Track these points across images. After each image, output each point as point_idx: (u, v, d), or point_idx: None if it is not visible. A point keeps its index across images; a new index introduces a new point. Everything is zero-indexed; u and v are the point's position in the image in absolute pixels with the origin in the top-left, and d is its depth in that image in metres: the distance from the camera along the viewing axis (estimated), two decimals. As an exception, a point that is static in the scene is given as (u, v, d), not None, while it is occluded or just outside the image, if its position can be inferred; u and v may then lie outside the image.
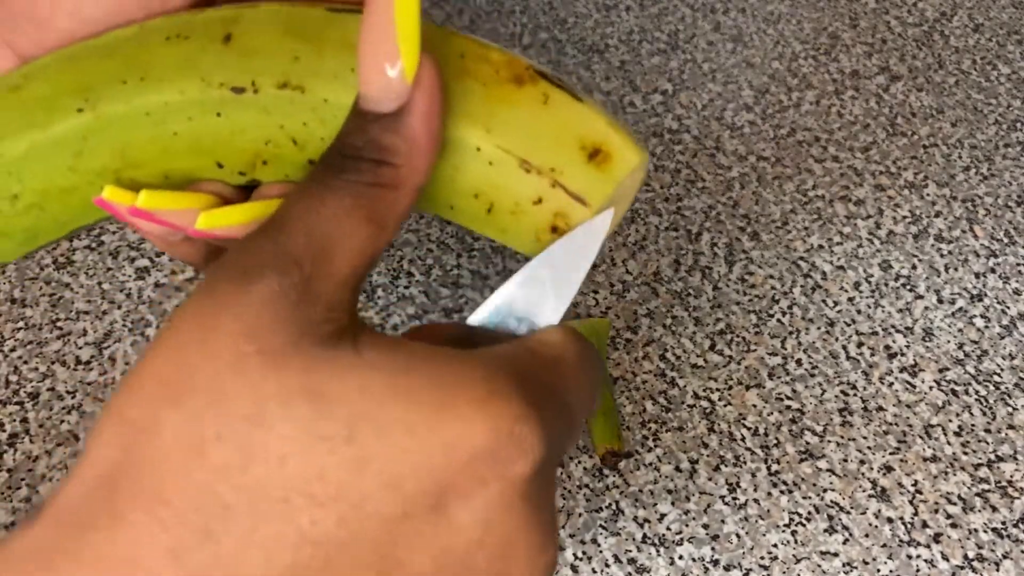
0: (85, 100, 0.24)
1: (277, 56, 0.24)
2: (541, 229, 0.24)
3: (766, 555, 0.38)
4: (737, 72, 0.59)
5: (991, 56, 0.63)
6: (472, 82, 0.23)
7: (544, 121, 0.23)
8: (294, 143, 0.24)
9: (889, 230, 0.51)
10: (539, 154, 0.23)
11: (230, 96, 0.24)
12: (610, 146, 0.23)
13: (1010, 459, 0.42)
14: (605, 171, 0.23)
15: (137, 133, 0.24)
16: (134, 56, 0.24)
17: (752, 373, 0.44)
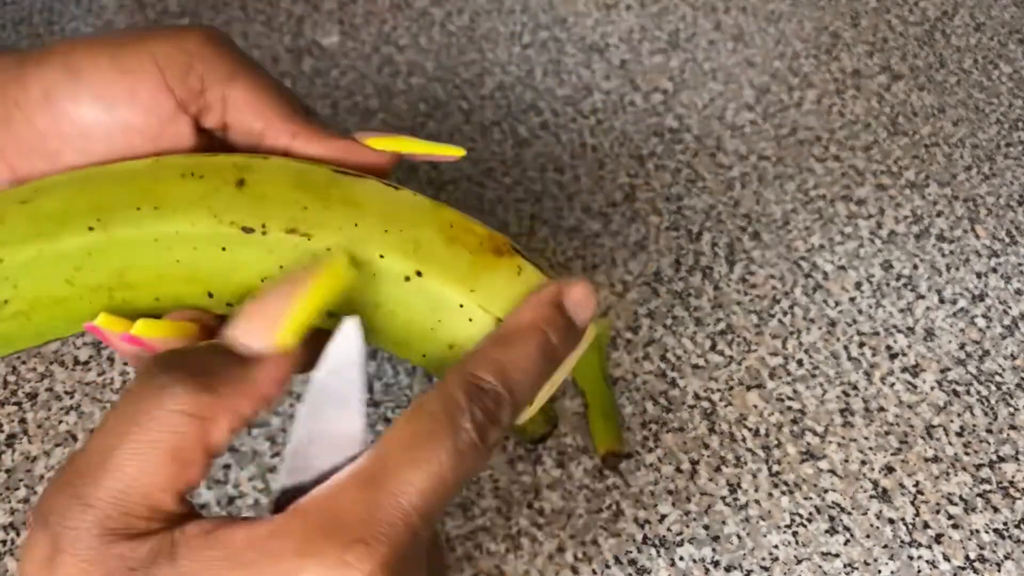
0: (97, 220, 0.25)
1: (287, 205, 0.26)
2: None
3: (767, 556, 0.38)
4: (738, 71, 0.59)
5: (993, 55, 0.63)
6: (460, 249, 0.26)
7: (517, 288, 0.26)
8: None
9: (890, 230, 0.51)
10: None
11: (238, 234, 0.26)
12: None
13: (1012, 459, 0.42)
14: None
15: (141, 257, 0.26)
16: (149, 187, 0.26)
17: (753, 373, 0.44)
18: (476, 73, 0.57)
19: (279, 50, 0.57)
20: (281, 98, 0.28)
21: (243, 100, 0.27)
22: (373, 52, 0.58)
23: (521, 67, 0.58)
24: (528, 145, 0.53)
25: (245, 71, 0.27)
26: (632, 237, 0.49)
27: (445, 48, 0.59)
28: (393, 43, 0.59)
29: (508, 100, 0.56)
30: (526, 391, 0.24)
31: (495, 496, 0.39)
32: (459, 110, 0.55)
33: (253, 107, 0.27)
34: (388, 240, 0.26)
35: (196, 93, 0.27)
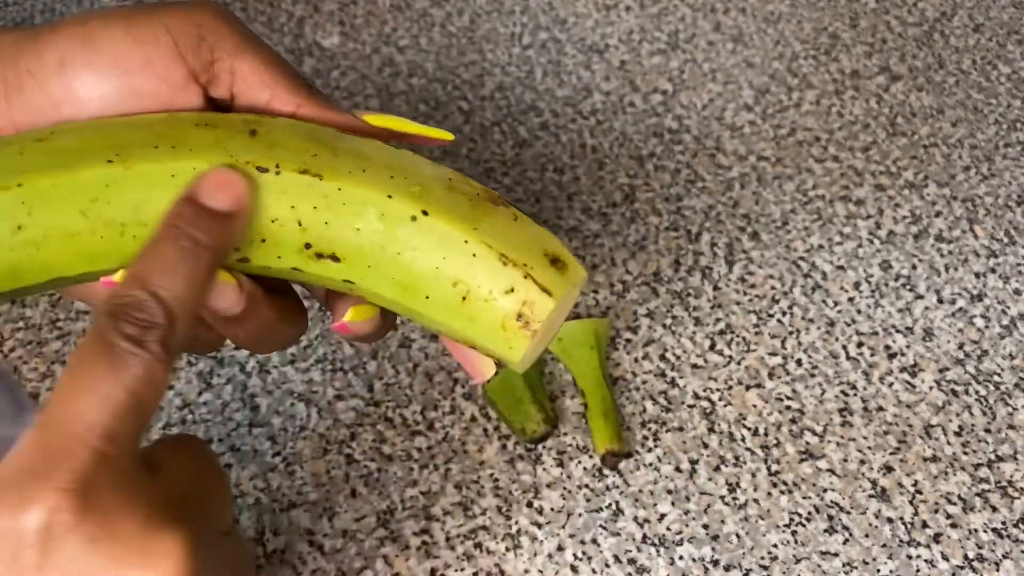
0: (116, 155, 0.26)
1: (298, 151, 0.27)
2: (508, 319, 0.28)
3: (766, 555, 0.38)
4: (737, 72, 0.59)
5: (991, 56, 0.63)
6: (460, 196, 0.28)
7: (516, 232, 0.28)
8: (299, 224, 0.27)
9: (889, 230, 0.51)
10: (514, 252, 0.28)
11: (253, 172, 0.27)
12: (565, 258, 0.29)
13: (1010, 459, 0.42)
14: (563, 275, 0.28)
15: (158, 192, 0.26)
16: (166, 132, 0.27)
17: (752, 373, 0.44)
18: (476, 74, 0.57)
19: (280, 51, 0.57)
20: (286, 72, 0.29)
21: (250, 72, 0.28)
22: (373, 53, 0.58)
23: (521, 68, 0.58)
24: (528, 145, 0.53)
25: (252, 45, 0.28)
26: (632, 237, 0.49)
27: (445, 49, 0.59)
28: (393, 44, 0.59)
29: (508, 101, 0.56)
30: (178, 286, 0.25)
31: (495, 495, 0.39)
32: (459, 111, 0.55)
33: (260, 79, 0.28)
34: (394, 184, 0.27)
35: (207, 63, 0.28)
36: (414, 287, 0.28)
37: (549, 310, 0.28)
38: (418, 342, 0.44)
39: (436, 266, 0.27)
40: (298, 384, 0.42)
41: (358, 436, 0.41)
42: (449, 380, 0.43)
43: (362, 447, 0.40)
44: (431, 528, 0.38)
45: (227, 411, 0.41)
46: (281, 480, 0.39)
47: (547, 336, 0.29)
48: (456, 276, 0.27)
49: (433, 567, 0.37)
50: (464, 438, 0.41)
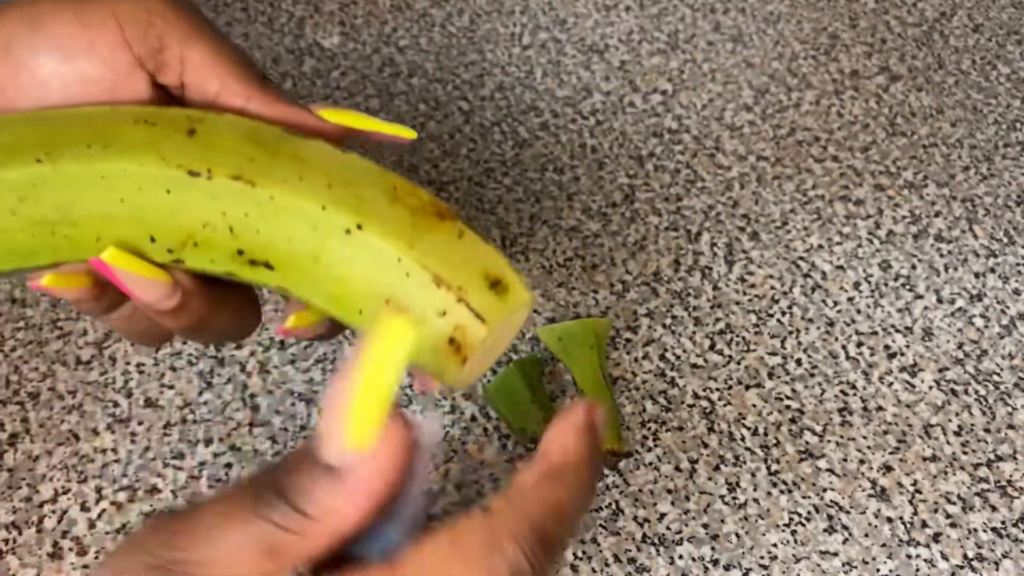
0: (45, 153, 0.25)
1: (235, 154, 0.26)
2: (441, 342, 0.27)
3: (766, 555, 0.38)
4: (737, 72, 0.59)
5: (991, 56, 0.63)
6: (403, 209, 0.27)
7: (457, 250, 0.27)
8: (230, 231, 0.26)
9: (889, 230, 0.51)
10: (450, 273, 0.26)
11: (184, 177, 0.26)
12: (508, 280, 0.27)
13: (1009, 459, 0.42)
14: (503, 299, 0.27)
15: (86, 193, 0.26)
16: (102, 128, 0.26)
17: (752, 373, 0.44)
18: (476, 74, 0.57)
19: (280, 51, 0.58)
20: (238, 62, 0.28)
21: (200, 61, 0.28)
22: (374, 53, 0.58)
23: (521, 68, 0.58)
24: (528, 146, 0.54)
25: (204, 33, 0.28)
26: (631, 237, 0.49)
27: (445, 49, 0.59)
28: (394, 44, 0.59)
29: (508, 101, 0.56)
30: (572, 530, 0.23)
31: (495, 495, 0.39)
32: (459, 111, 0.55)
33: (210, 69, 0.28)
34: (331, 194, 0.26)
35: (154, 51, 0.27)
36: (346, 300, 0.27)
37: (482, 337, 0.26)
38: (418, 342, 0.44)
39: (369, 284, 0.26)
40: (298, 383, 0.42)
41: (358, 436, 0.41)
42: (449, 380, 0.43)
43: (362, 447, 0.40)
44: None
45: (227, 411, 0.41)
46: (281, 480, 0.39)
47: (487, 358, 0.28)
48: (388, 294, 0.26)
49: (433, 566, 0.37)
50: (464, 438, 0.41)
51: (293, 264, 0.27)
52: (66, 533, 0.37)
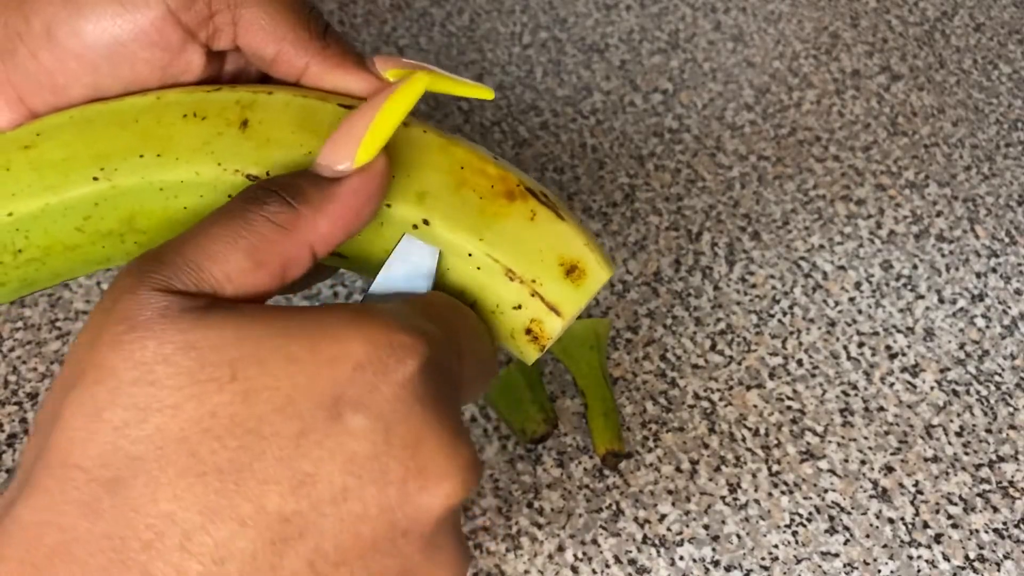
0: (101, 169, 0.25)
1: (290, 148, 0.25)
2: (517, 330, 0.27)
3: (767, 556, 0.38)
4: (738, 71, 0.59)
5: (992, 55, 0.63)
6: (470, 193, 0.26)
7: (530, 237, 0.26)
8: None
9: (890, 230, 0.51)
10: (523, 266, 0.26)
11: (243, 181, 0.25)
12: (585, 264, 0.26)
13: (1011, 459, 0.42)
14: (579, 287, 0.26)
15: (148, 204, 0.26)
16: (151, 131, 0.25)
17: (753, 373, 0.44)
18: (476, 73, 0.57)
19: (279, 50, 0.57)
20: (295, 20, 0.26)
21: (254, 22, 0.26)
22: (373, 52, 0.58)
23: (521, 67, 0.58)
24: (528, 145, 0.53)
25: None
26: (632, 237, 0.49)
27: (445, 48, 0.59)
28: (393, 43, 0.59)
29: (508, 100, 0.56)
30: None
31: (495, 495, 0.39)
32: (459, 110, 0.55)
33: (265, 31, 0.26)
34: (394, 186, 0.26)
35: (204, 18, 0.26)
36: None
37: (557, 329, 0.26)
38: (418, 342, 0.44)
39: (441, 274, 0.26)
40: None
41: (358, 436, 0.41)
42: (449, 380, 0.43)
43: (362, 447, 0.40)
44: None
45: (226, 411, 0.41)
46: (281, 480, 0.39)
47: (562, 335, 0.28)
48: (461, 286, 0.26)
49: (433, 568, 0.37)
50: (464, 438, 0.41)
51: (365, 256, 0.27)
52: (64, 534, 0.37)
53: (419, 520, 0.20)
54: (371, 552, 0.20)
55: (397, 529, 0.20)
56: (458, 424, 0.22)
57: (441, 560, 0.21)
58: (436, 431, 0.21)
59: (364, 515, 0.20)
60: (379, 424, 0.20)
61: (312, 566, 0.19)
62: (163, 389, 0.19)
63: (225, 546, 0.19)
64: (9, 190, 0.25)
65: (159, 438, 0.19)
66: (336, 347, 0.20)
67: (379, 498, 0.20)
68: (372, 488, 0.20)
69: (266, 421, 0.19)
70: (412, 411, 0.20)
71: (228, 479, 0.19)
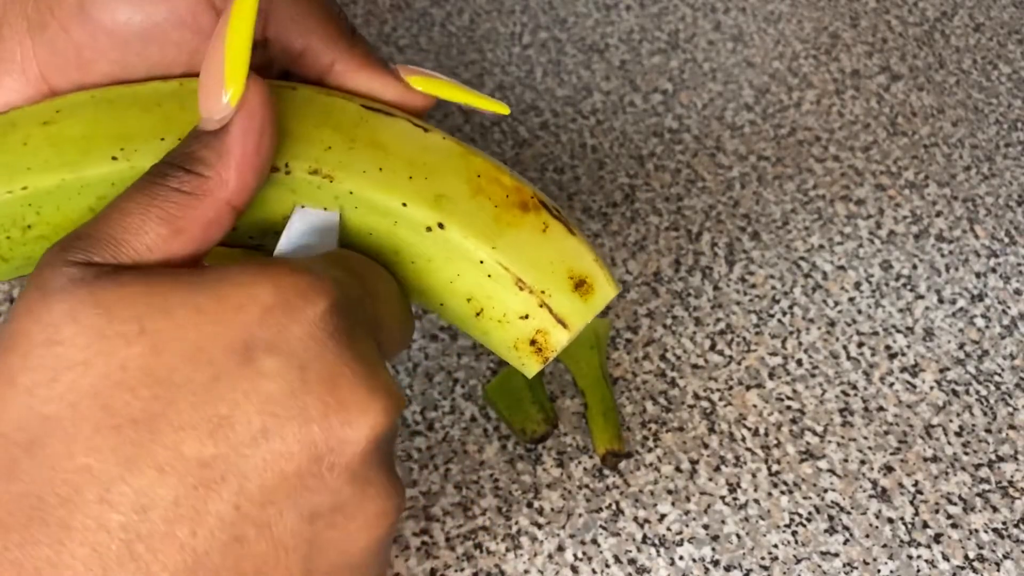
0: (120, 150, 0.25)
1: (312, 143, 0.25)
2: (522, 340, 0.27)
3: (766, 555, 0.38)
4: (737, 72, 0.59)
5: (992, 56, 0.63)
6: (486, 201, 0.26)
7: (542, 248, 0.26)
8: None
9: (890, 230, 0.51)
10: (533, 276, 0.26)
11: None
12: (594, 279, 0.27)
13: (1011, 459, 0.42)
14: (587, 301, 0.27)
15: None
16: (174, 116, 0.25)
17: (752, 373, 0.44)
18: (476, 73, 0.57)
19: (279, 50, 0.57)
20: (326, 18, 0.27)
21: (286, 15, 0.26)
22: (373, 52, 0.58)
23: (521, 67, 0.58)
24: (528, 145, 0.53)
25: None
26: (632, 237, 0.49)
27: (445, 49, 0.59)
28: (393, 43, 0.59)
29: (508, 100, 0.56)
30: None
31: (495, 495, 0.39)
32: (459, 110, 0.55)
33: (295, 25, 0.26)
34: (412, 187, 0.26)
35: None
36: (428, 293, 0.27)
37: (563, 341, 0.26)
38: (418, 342, 0.44)
39: (450, 280, 0.26)
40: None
41: (358, 436, 0.41)
42: (449, 380, 0.43)
43: (362, 447, 0.40)
44: (431, 528, 0.38)
45: (227, 411, 0.41)
46: (281, 480, 0.39)
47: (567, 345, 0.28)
48: (470, 293, 0.27)
49: (433, 567, 0.37)
50: (464, 438, 0.41)
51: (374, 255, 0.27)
52: (65, 534, 0.37)
53: (345, 454, 0.20)
54: (298, 489, 0.20)
55: (323, 464, 0.20)
56: (375, 358, 0.22)
57: (373, 493, 0.21)
58: (353, 365, 0.21)
59: (287, 453, 0.20)
60: (293, 363, 0.20)
61: (238, 508, 0.20)
62: (71, 348, 0.20)
63: (146, 494, 0.19)
64: (25, 164, 0.25)
65: (71, 396, 0.19)
66: (243, 293, 0.20)
67: (300, 435, 0.20)
68: (292, 426, 0.20)
69: (177, 370, 0.20)
70: (326, 348, 0.20)
71: (143, 428, 0.19)
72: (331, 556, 0.21)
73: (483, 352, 0.44)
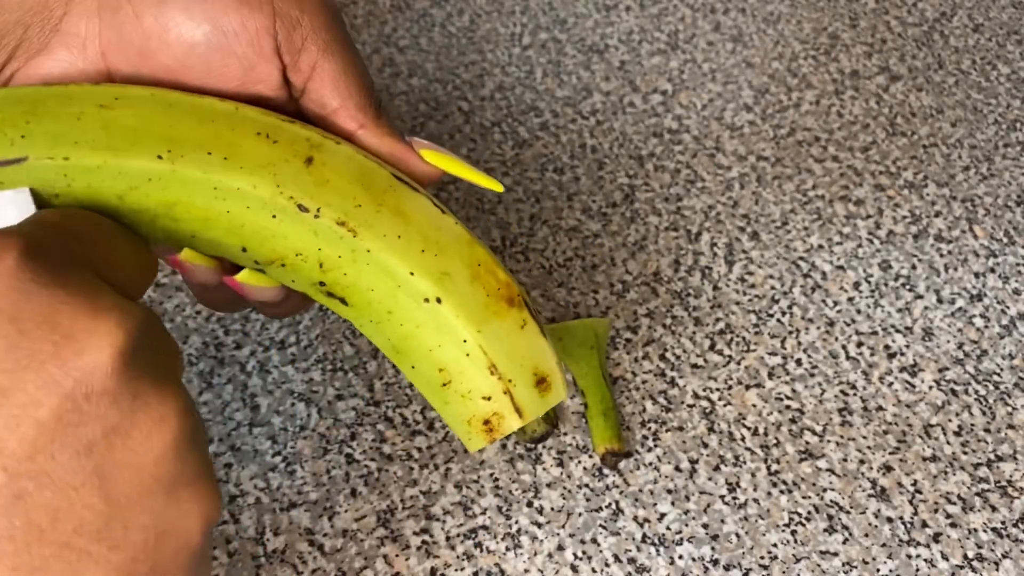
0: (168, 151, 0.26)
1: (344, 196, 0.28)
2: (476, 418, 0.29)
3: (766, 555, 0.38)
4: (737, 72, 0.59)
5: (991, 56, 0.63)
6: (480, 289, 0.29)
7: (517, 342, 0.29)
8: (320, 266, 0.28)
9: (889, 230, 0.51)
10: (505, 365, 0.29)
11: (293, 209, 0.27)
12: (554, 380, 0.30)
13: (1010, 459, 0.42)
14: (544, 397, 0.30)
15: (196, 197, 0.27)
16: (223, 134, 0.27)
17: (752, 373, 0.44)
18: (476, 74, 0.58)
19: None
20: (362, 86, 0.29)
21: (330, 75, 0.28)
22: (374, 53, 0.58)
23: (521, 68, 0.58)
24: (528, 146, 0.54)
25: (342, 47, 0.29)
26: (631, 237, 0.49)
27: (445, 49, 0.59)
28: (394, 44, 0.59)
29: (508, 101, 0.56)
30: None
31: (495, 495, 0.39)
32: (459, 111, 0.55)
33: (336, 85, 0.29)
34: (422, 260, 0.28)
35: (295, 49, 0.28)
36: (405, 354, 0.29)
37: (514, 428, 0.29)
38: (418, 342, 0.44)
39: (430, 348, 0.29)
40: (298, 384, 0.42)
41: (358, 436, 0.41)
42: (449, 380, 0.43)
43: (362, 447, 0.40)
44: (431, 528, 0.38)
45: (227, 411, 0.41)
46: (281, 480, 0.39)
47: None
48: (444, 364, 0.29)
49: (433, 566, 0.37)
50: (464, 438, 0.41)
51: (368, 309, 0.29)
52: (66, 533, 0.37)
53: (94, 379, 0.20)
54: (61, 429, 0.20)
55: (76, 398, 0.20)
56: (95, 285, 0.22)
57: (141, 403, 0.21)
58: (67, 299, 0.21)
59: (33, 402, 0.20)
60: (2, 319, 0.20)
61: (5, 469, 0.20)
62: None
63: None
64: (73, 138, 0.26)
65: None
66: None
67: (39, 381, 0.20)
68: (28, 375, 0.20)
69: None
70: (31, 293, 0.21)
71: None
72: (127, 476, 0.21)
73: (483, 352, 0.44)
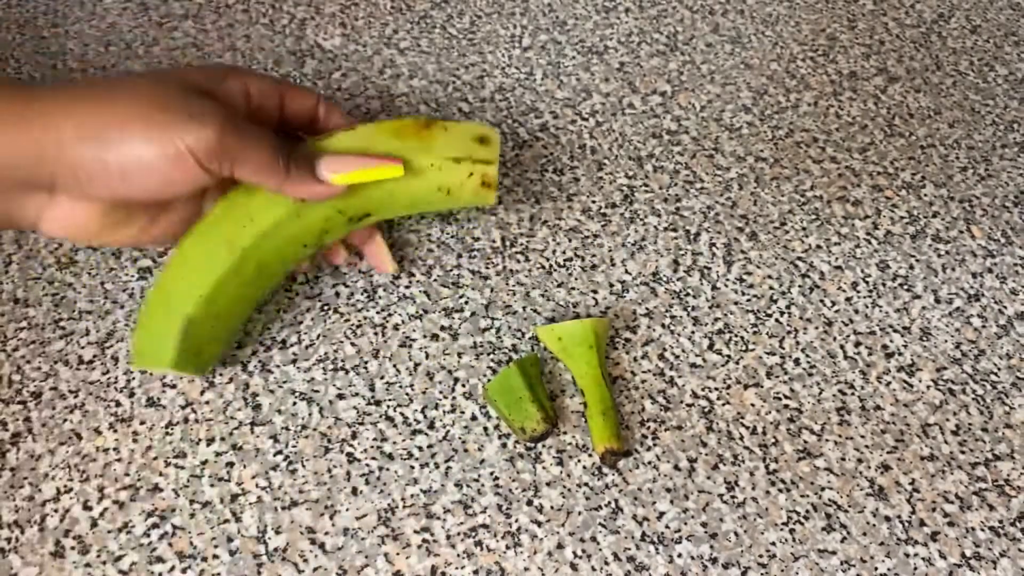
0: (228, 243, 0.40)
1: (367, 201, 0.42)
2: (477, 187, 0.42)
3: (764, 553, 0.39)
4: (735, 73, 0.60)
5: (988, 57, 0.63)
6: (411, 141, 0.41)
7: (451, 137, 0.42)
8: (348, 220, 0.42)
9: (887, 230, 0.51)
10: (460, 151, 0.41)
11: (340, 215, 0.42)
12: (487, 133, 0.42)
13: (1007, 458, 0.42)
14: (490, 146, 0.42)
15: (267, 240, 0.40)
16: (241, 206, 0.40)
17: (750, 372, 0.44)
18: (476, 75, 0.58)
19: (282, 52, 0.58)
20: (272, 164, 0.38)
21: (246, 174, 0.37)
22: (375, 54, 0.58)
23: (521, 69, 0.58)
24: (528, 146, 0.54)
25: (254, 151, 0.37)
26: (631, 238, 0.50)
27: (446, 50, 0.59)
28: (395, 45, 0.59)
29: (508, 102, 0.56)
30: None
31: (495, 493, 0.40)
32: (459, 112, 0.55)
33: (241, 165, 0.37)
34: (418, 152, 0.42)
35: (217, 170, 0.36)
36: (418, 200, 0.43)
37: (496, 172, 0.41)
38: (419, 342, 0.44)
39: (424, 185, 0.42)
40: (300, 383, 0.42)
41: (359, 435, 0.41)
42: (450, 379, 0.43)
43: (363, 446, 0.41)
44: (432, 526, 0.38)
45: (229, 410, 0.41)
46: (283, 478, 0.39)
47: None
48: (438, 185, 0.42)
49: (434, 565, 0.37)
50: (464, 437, 0.41)
51: (384, 209, 0.43)
52: (68, 532, 0.38)
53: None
54: None
55: None
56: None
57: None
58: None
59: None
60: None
61: None
62: None
63: None
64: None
65: None
66: None
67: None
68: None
69: None
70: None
71: None
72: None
73: (483, 351, 0.44)
